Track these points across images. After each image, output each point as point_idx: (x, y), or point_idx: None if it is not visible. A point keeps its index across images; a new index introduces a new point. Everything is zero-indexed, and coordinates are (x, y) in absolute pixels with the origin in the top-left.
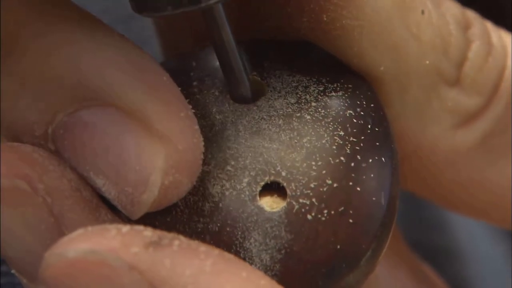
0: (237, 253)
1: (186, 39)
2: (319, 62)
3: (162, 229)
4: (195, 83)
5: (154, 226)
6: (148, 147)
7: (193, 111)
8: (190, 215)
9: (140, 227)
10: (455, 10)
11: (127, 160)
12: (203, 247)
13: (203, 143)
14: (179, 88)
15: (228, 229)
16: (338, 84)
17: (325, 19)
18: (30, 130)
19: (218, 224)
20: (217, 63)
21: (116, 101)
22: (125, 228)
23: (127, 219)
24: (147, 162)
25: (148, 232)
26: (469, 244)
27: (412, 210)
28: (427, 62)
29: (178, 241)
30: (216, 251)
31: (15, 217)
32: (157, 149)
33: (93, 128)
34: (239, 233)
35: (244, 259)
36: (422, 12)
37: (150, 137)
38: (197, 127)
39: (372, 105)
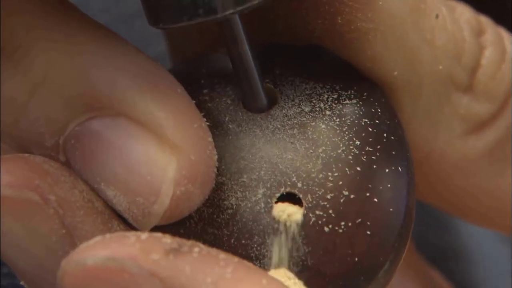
0: None
1: (195, 43)
2: (331, 67)
3: None
4: (206, 90)
5: None
6: (160, 157)
7: (205, 119)
8: (204, 227)
9: (159, 234)
10: (469, 15)
11: (139, 170)
12: (223, 255)
13: (216, 156)
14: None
15: (243, 241)
16: (352, 91)
17: (339, 21)
18: (40, 141)
19: (233, 237)
20: (228, 69)
21: (127, 111)
22: (144, 235)
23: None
24: (158, 172)
25: (167, 239)
26: (474, 245)
27: (419, 211)
28: (440, 67)
29: (198, 248)
30: (235, 259)
31: (26, 229)
32: (169, 159)
33: (104, 137)
34: (255, 245)
35: None
36: (437, 16)
37: (162, 147)
38: (210, 139)
39: (386, 112)
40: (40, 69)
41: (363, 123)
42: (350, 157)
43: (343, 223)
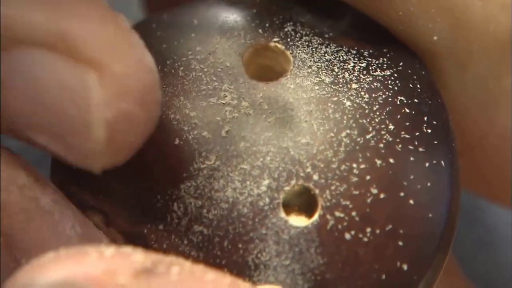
0: (250, 279)
1: None
2: (358, 28)
3: (152, 241)
4: (198, 48)
5: (142, 235)
6: (75, 79)
7: (197, 86)
8: (190, 223)
9: (128, 250)
10: None
11: (54, 103)
12: (211, 275)
13: (151, 57)
14: (176, 55)
15: (239, 245)
16: (385, 59)
17: None
18: None
19: (227, 238)
20: (229, 21)
21: (23, 36)
22: (109, 251)
23: (103, 234)
24: (78, 99)
25: (138, 256)
26: None
27: (466, 227)
28: (495, 26)
29: (178, 268)
30: (227, 280)
31: None
32: (88, 79)
33: (6, 76)
34: (255, 252)
35: None
36: None
37: (75, 66)
38: (135, 38)
39: (427, 89)
40: None
41: (398, 102)
42: (382, 145)
43: (369, 229)
